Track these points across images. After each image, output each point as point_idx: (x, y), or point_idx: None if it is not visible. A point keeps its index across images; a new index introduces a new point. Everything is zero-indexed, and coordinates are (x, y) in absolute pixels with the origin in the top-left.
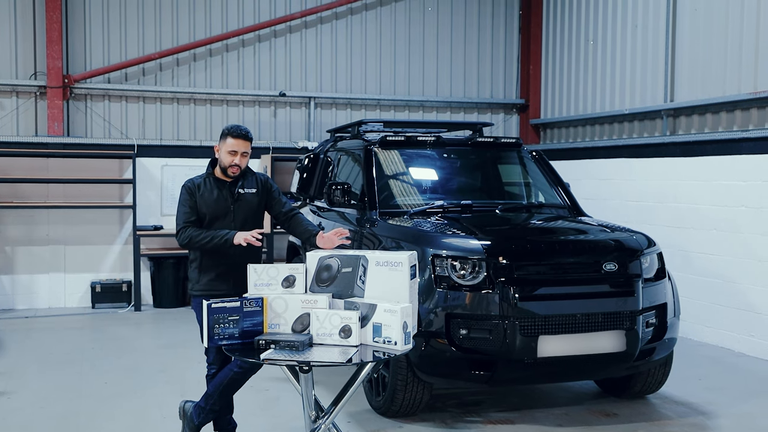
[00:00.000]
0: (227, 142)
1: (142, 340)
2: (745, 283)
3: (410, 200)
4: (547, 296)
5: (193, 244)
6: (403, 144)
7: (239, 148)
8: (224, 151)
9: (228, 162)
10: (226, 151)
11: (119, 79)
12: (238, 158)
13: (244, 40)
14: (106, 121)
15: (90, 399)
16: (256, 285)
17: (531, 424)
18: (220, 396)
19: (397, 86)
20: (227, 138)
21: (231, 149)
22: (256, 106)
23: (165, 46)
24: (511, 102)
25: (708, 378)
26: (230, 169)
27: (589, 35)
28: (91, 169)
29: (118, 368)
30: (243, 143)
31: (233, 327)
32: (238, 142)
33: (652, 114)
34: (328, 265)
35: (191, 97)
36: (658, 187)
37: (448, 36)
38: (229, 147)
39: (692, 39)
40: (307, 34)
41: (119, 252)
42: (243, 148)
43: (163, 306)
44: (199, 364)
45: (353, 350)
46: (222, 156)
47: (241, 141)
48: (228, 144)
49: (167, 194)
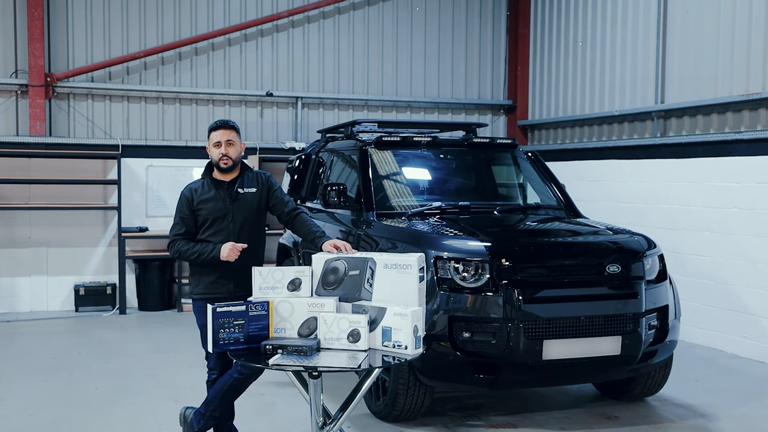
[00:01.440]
0: (211, 137)
1: (129, 344)
2: (737, 284)
3: (407, 201)
4: (552, 298)
5: (182, 258)
6: (398, 144)
7: (222, 138)
8: (210, 147)
9: (216, 156)
10: (211, 146)
11: (103, 77)
12: (224, 148)
13: (230, 39)
14: (90, 120)
15: (81, 406)
16: (261, 288)
17: (533, 428)
18: (220, 402)
19: (385, 87)
20: (210, 133)
21: (215, 141)
22: (242, 106)
23: (150, 45)
24: (498, 103)
25: (705, 380)
26: (221, 161)
27: (578, 36)
28: (74, 170)
29: (108, 373)
30: (224, 132)
31: (238, 332)
32: (219, 132)
33: (642, 115)
34: (335, 268)
35: (177, 96)
36: (650, 188)
37: (435, 36)
38: (213, 140)
39: (683, 41)
40: (294, 34)
41: (103, 254)
42: (226, 136)
43: (148, 309)
44: (191, 368)
45: (362, 355)
46: (211, 153)
47: (222, 130)
48: (211, 138)
49: (152, 195)
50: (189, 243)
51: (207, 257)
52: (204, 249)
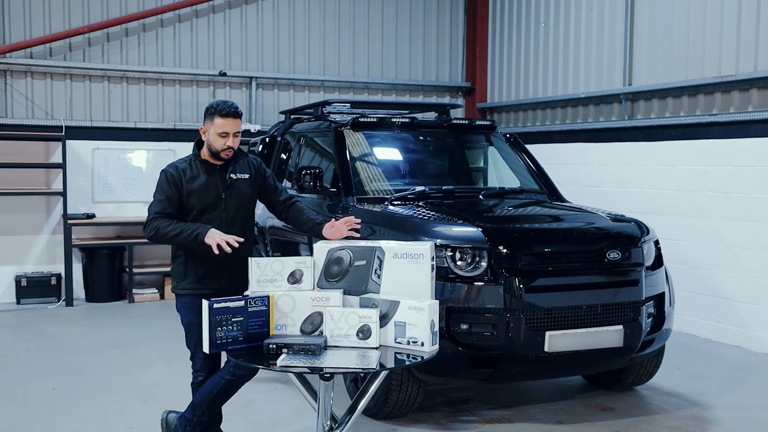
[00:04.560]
0: (216, 122)
1: (81, 338)
2: (712, 269)
3: (387, 185)
4: (553, 287)
5: (159, 236)
6: (376, 126)
7: (231, 129)
8: (213, 134)
9: (220, 146)
10: (215, 134)
11: (43, 54)
12: (231, 140)
13: (180, 15)
14: (29, 99)
15: (39, 408)
16: (260, 281)
17: (529, 422)
18: (209, 406)
19: (342, 67)
20: (215, 118)
21: (222, 130)
22: (193, 86)
23: (94, 20)
24: (456, 85)
25: (687, 366)
26: (223, 153)
27: (540, 16)
28: (13, 153)
29: (63, 372)
30: (234, 122)
31: (237, 329)
32: (229, 121)
33: (609, 98)
34: (339, 258)
35: (123, 75)
36: (618, 171)
37: (393, 16)
38: (219, 128)
39: (652, 22)
40: (247, 11)
41: (46, 242)
42: (235, 127)
43: (96, 300)
44: (153, 365)
45: (373, 353)
46: (211, 139)
47: (232, 120)
48: (217, 125)
49: (99, 180)
50: (170, 219)
51: (189, 236)
52: (188, 226)
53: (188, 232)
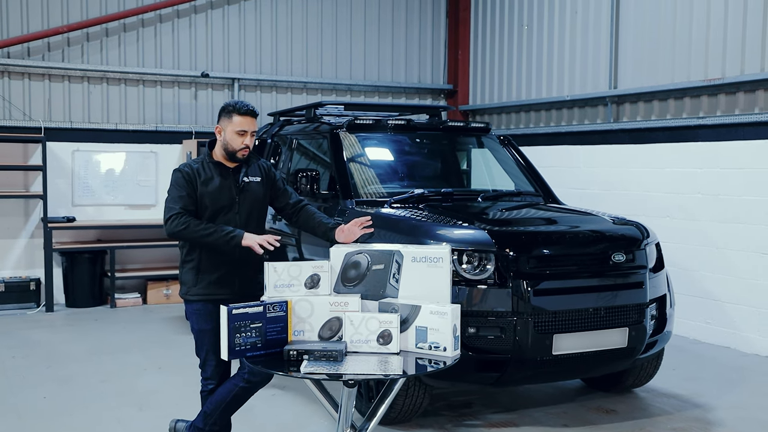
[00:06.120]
0: (234, 120)
1: (67, 345)
2: (701, 270)
3: (386, 188)
4: (561, 290)
5: (188, 232)
6: (372, 128)
7: (249, 127)
8: (231, 132)
9: (238, 145)
10: (233, 132)
11: (21, 53)
12: (249, 139)
13: (161, 15)
14: (6, 100)
15: (33, 418)
16: (276, 286)
17: (535, 425)
18: (221, 415)
19: (325, 69)
20: (233, 116)
21: (240, 129)
22: (175, 87)
23: (73, 19)
24: (438, 87)
25: (681, 368)
26: (240, 152)
27: (523, 19)
28: None
29: (52, 380)
30: (252, 121)
31: (256, 336)
32: (247, 119)
33: (594, 101)
34: (357, 262)
35: (103, 75)
36: (605, 174)
37: (375, 18)
38: (237, 126)
39: (638, 24)
40: (229, 11)
41: (24, 247)
42: (253, 126)
43: (77, 306)
44: (146, 371)
45: (395, 358)
46: (229, 138)
47: (250, 118)
48: (235, 123)
49: (79, 182)
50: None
51: (225, 238)
52: (222, 227)
53: (222, 233)
